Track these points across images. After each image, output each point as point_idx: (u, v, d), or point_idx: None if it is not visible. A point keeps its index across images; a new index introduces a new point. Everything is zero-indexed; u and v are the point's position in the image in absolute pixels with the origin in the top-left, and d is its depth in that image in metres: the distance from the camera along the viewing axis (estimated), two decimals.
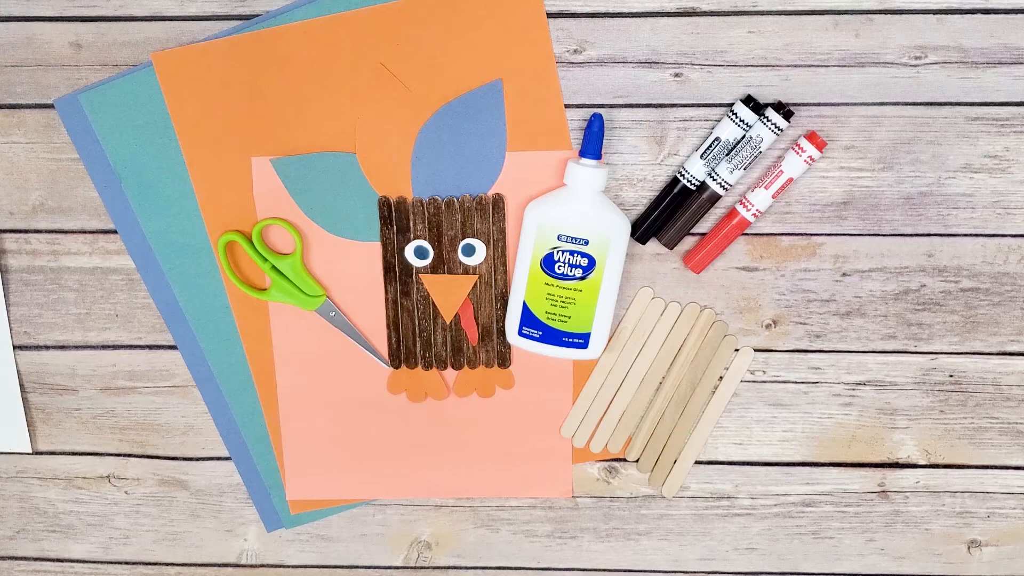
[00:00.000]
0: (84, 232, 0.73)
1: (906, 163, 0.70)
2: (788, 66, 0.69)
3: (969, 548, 0.76)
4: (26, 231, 0.73)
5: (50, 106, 0.71)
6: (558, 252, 0.68)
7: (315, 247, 0.72)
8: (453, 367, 0.74)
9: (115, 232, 0.73)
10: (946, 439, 0.74)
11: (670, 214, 0.70)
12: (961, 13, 0.68)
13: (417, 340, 0.73)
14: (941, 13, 0.68)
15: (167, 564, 0.79)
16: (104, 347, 0.75)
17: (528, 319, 0.70)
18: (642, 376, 0.73)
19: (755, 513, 0.76)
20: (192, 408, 0.76)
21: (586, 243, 0.68)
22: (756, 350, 0.73)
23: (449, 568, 0.78)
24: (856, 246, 0.71)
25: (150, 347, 0.75)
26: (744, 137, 0.68)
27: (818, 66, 0.69)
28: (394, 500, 0.77)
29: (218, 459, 0.76)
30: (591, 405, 0.74)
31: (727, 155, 0.69)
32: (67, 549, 0.79)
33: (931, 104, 0.69)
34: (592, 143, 0.68)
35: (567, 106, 0.70)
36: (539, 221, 0.68)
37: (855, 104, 0.69)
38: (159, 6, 0.70)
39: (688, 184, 0.70)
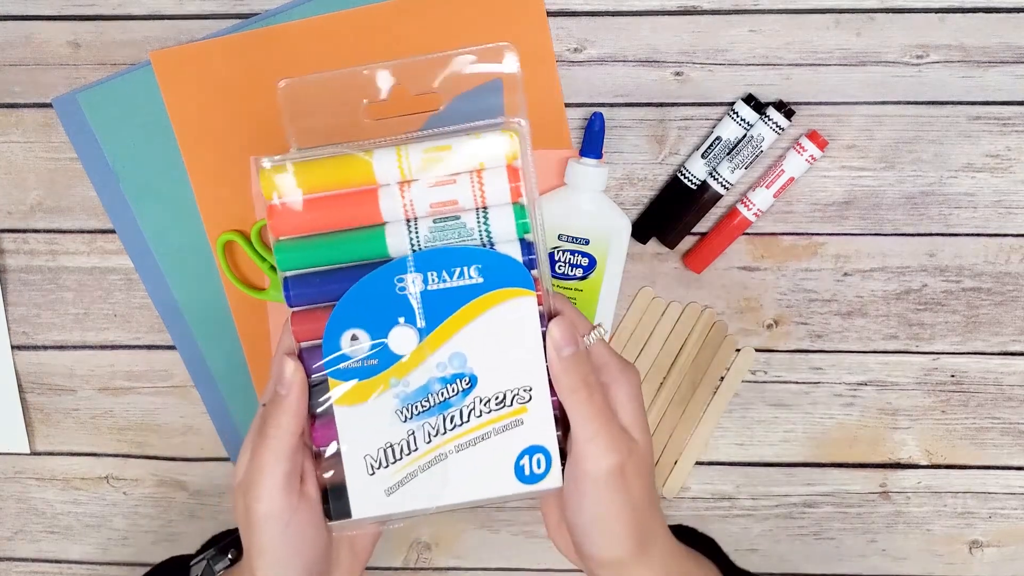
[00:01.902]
0: (82, 232, 0.73)
1: (908, 162, 0.70)
2: (789, 65, 0.69)
3: (971, 549, 0.75)
4: (24, 231, 0.73)
5: (48, 105, 0.71)
6: (558, 252, 0.68)
7: None
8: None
9: (113, 232, 0.73)
10: (948, 439, 0.74)
11: (671, 214, 0.70)
12: (963, 12, 0.68)
13: None
14: (943, 12, 0.68)
15: None
16: (102, 347, 0.75)
17: None
18: (643, 376, 0.73)
19: (756, 514, 0.75)
20: (191, 408, 0.75)
21: (586, 243, 0.68)
22: (757, 350, 0.73)
23: (449, 569, 0.77)
24: (857, 246, 0.71)
25: (149, 347, 0.75)
26: (745, 136, 0.68)
27: (819, 65, 0.69)
28: None
29: (217, 459, 0.76)
30: None
31: (728, 154, 0.69)
32: (65, 550, 0.78)
33: (933, 103, 0.69)
34: (592, 142, 0.67)
35: (567, 105, 0.70)
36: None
37: (856, 103, 0.69)
38: (158, 5, 0.69)
39: (689, 183, 0.69)
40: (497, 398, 0.46)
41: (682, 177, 0.69)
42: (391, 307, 0.45)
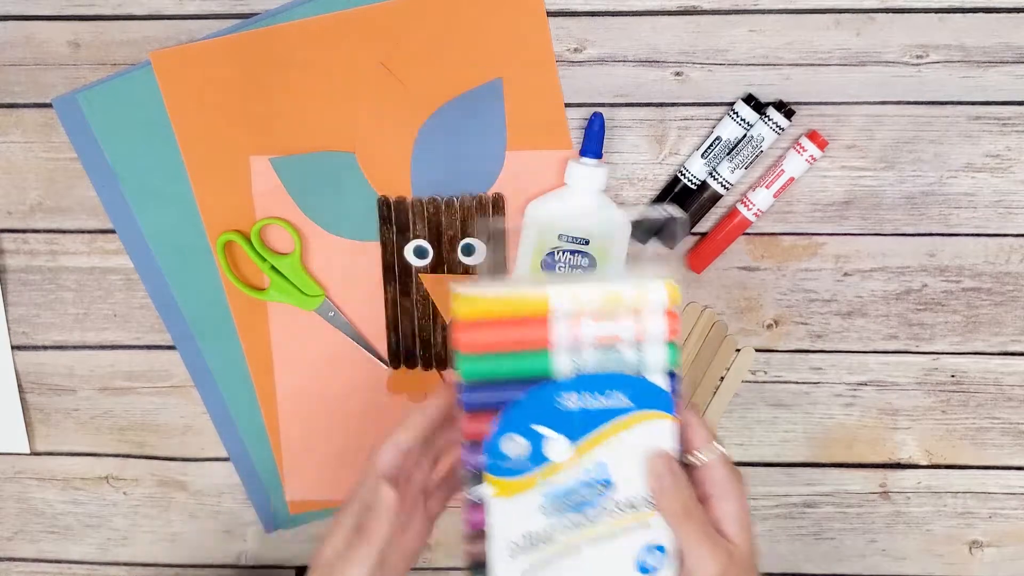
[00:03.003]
0: (82, 232, 0.73)
1: (908, 162, 0.70)
2: (789, 65, 0.69)
3: (971, 549, 0.75)
4: (24, 231, 0.73)
5: (48, 105, 0.71)
6: (558, 252, 0.68)
7: (314, 247, 0.72)
8: (453, 367, 0.73)
9: (113, 232, 0.73)
10: (948, 439, 0.74)
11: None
12: (963, 12, 0.68)
13: (417, 340, 0.73)
14: (943, 12, 0.68)
15: (165, 565, 0.78)
16: (102, 347, 0.75)
17: None
18: None
19: (756, 514, 0.75)
20: (191, 408, 0.75)
21: (586, 243, 0.68)
22: (757, 350, 0.73)
23: (450, 569, 0.77)
24: (858, 246, 0.71)
25: (148, 347, 0.75)
26: (745, 136, 0.68)
27: (819, 65, 0.69)
28: None
29: (217, 460, 0.76)
30: None
31: (728, 154, 0.69)
32: (65, 550, 0.78)
33: (933, 103, 0.69)
34: (592, 142, 0.67)
35: (567, 105, 0.70)
36: (539, 221, 0.68)
37: (856, 103, 0.69)
38: (158, 5, 0.69)
39: (689, 183, 0.69)
40: (630, 503, 0.52)
41: (682, 177, 0.69)
42: (549, 418, 0.52)
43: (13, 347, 0.75)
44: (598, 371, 0.52)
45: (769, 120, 0.68)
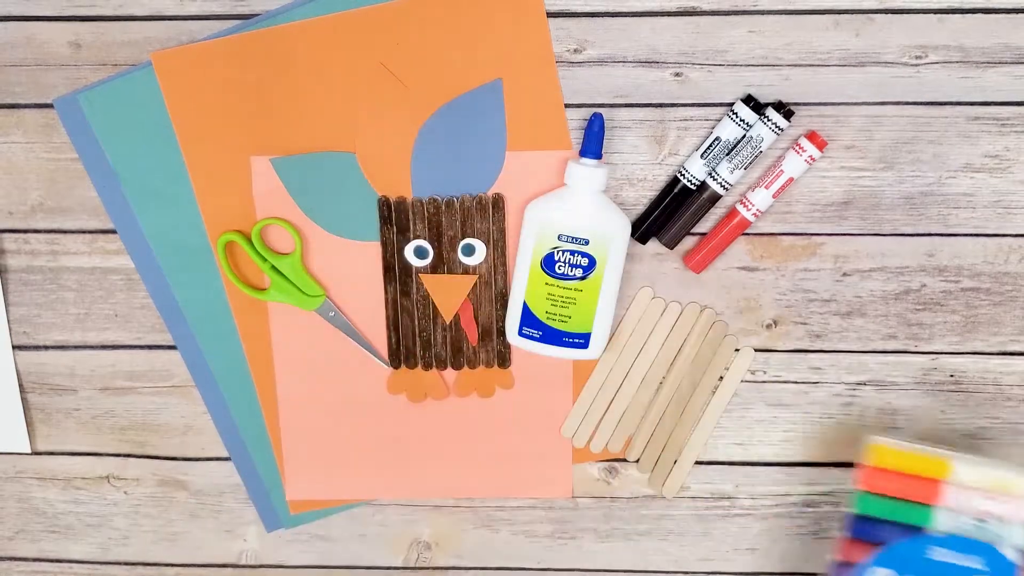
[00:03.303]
0: (83, 232, 0.73)
1: (907, 163, 0.70)
2: (788, 65, 0.69)
3: None
4: (25, 231, 0.73)
5: (49, 106, 0.71)
6: (558, 252, 0.68)
7: (315, 247, 0.72)
8: (453, 367, 0.74)
9: (114, 232, 0.73)
10: (947, 439, 0.74)
11: (670, 214, 0.70)
12: (962, 12, 0.68)
13: (417, 340, 0.73)
14: (942, 12, 0.68)
15: (166, 565, 0.79)
16: (103, 347, 0.75)
17: (528, 319, 0.70)
18: (642, 376, 0.73)
19: (755, 513, 0.75)
20: (191, 408, 0.75)
21: (586, 243, 0.68)
22: (756, 350, 0.73)
23: (449, 569, 0.78)
24: (857, 246, 0.71)
25: (149, 347, 0.75)
26: (744, 137, 0.68)
27: (819, 65, 0.69)
28: (394, 500, 0.77)
29: (217, 459, 0.76)
30: (591, 405, 0.74)
31: (727, 155, 0.69)
32: (66, 550, 0.78)
33: (932, 104, 0.69)
34: (592, 143, 0.67)
35: (567, 106, 0.70)
36: (539, 221, 0.68)
37: (856, 104, 0.69)
38: (159, 6, 0.70)
39: (688, 184, 0.70)
40: None
41: (681, 177, 0.70)
42: (915, 563, 0.65)
43: (14, 347, 0.75)
44: (967, 535, 0.65)
45: (768, 121, 0.68)
